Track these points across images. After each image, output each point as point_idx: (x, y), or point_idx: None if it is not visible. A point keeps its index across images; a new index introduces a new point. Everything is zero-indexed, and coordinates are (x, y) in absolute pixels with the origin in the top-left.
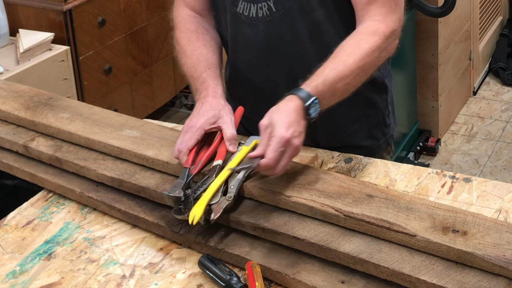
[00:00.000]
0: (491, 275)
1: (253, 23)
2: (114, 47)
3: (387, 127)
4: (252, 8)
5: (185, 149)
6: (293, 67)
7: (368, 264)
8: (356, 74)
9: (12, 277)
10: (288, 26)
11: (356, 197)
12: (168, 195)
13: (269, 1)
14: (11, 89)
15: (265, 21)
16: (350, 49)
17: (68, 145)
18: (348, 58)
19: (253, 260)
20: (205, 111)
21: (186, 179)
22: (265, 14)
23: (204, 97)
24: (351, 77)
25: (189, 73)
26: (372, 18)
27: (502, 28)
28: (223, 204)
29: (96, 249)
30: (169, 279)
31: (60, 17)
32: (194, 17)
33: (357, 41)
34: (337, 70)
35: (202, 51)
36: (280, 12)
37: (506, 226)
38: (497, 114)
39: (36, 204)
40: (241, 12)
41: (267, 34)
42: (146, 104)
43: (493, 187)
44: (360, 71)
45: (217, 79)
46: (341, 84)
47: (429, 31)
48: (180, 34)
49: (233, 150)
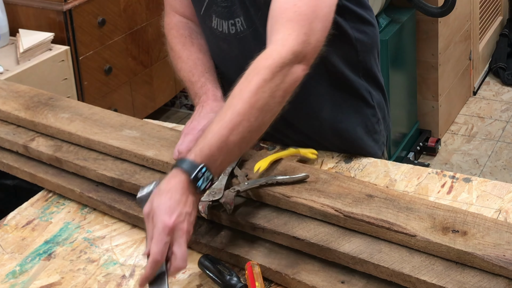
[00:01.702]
0: (491, 275)
1: (227, 39)
2: (114, 47)
3: (377, 134)
4: (224, 25)
5: (186, 150)
6: None
7: (368, 264)
8: (251, 116)
9: (12, 277)
10: (258, 43)
11: (356, 197)
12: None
13: (241, 18)
14: (11, 89)
15: (238, 37)
16: (239, 87)
17: (68, 145)
18: (237, 101)
19: (253, 260)
20: (206, 114)
21: None
22: (238, 30)
23: (205, 101)
24: (245, 121)
25: (187, 77)
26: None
27: (502, 28)
28: (231, 196)
29: (96, 249)
30: (169, 279)
31: (60, 17)
32: (186, 23)
33: (247, 75)
34: (225, 121)
35: (198, 56)
36: (251, 29)
37: (506, 226)
38: (497, 114)
39: (36, 204)
40: (216, 28)
41: (241, 50)
42: (146, 104)
43: (493, 187)
44: (254, 110)
45: (215, 82)
46: (234, 136)
47: (429, 31)
48: (174, 40)
49: None
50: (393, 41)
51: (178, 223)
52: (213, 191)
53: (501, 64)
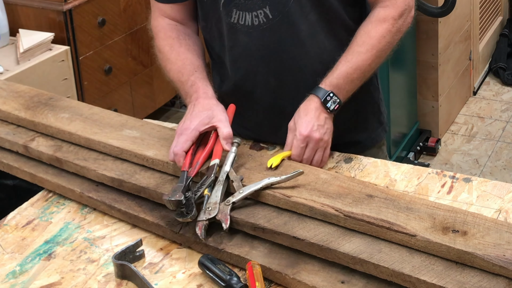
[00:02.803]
0: (491, 275)
1: (250, 32)
2: (114, 47)
3: (382, 116)
4: (247, 17)
5: (181, 151)
6: (294, 72)
7: (368, 264)
8: (371, 62)
9: (12, 277)
10: (287, 31)
11: (356, 197)
12: (169, 200)
13: (265, 8)
14: (11, 89)
15: (262, 29)
16: (361, 40)
17: (68, 145)
18: (360, 48)
19: (253, 260)
20: (198, 113)
21: (185, 182)
22: (261, 21)
23: (196, 99)
24: (366, 65)
25: (176, 78)
26: (381, 5)
27: (502, 28)
28: (226, 210)
29: (96, 249)
30: (169, 279)
31: (60, 17)
32: (175, 25)
33: (368, 31)
34: (351, 62)
35: (187, 56)
36: (277, 18)
37: (506, 226)
38: (497, 114)
39: (36, 204)
40: (236, 22)
41: (265, 41)
42: (146, 104)
43: (493, 187)
44: (374, 58)
45: (205, 80)
46: (356, 74)
47: (429, 31)
48: (161, 42)
49: (229, 149)
50: None
51: (312, 132)
52: (209, 206)
53: (501, 64)
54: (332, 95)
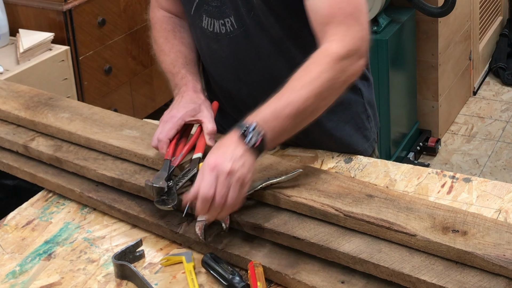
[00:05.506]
0: (491, 275)
1: (219, 39)
2: (114, 47)
3: (368, 131)
4: (216, 24)
5: (165, 138)
6: (261, 82)
7: (368, 264)
8: (307, 98)
9: (12, 277)
10: (249, 43)
11: (356, 197)
12: (152, 186)
13: (231, 17)
14: (11, 89)
15: (229, 37)
16: (299, 75)
17: (68, 145)
18: (295, 83)
19: (255, 260)
20: (185, 104)
21: (168, 170)
22: (228, 30)
23: (185, 91)
24: (300, 101)
25: (168, 69)
26: (328, 39)
27: (502, 28)
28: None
29: (96, 249)
30: (169, 279)
31: (60, 17)
32: (170, 17)
33: (307, 66)
34: (283, 98)
35: (180, 48)
36: (242, 29)
37: (506, 226)
38: (497, 114)
39: (36, 204)
40: (206, 28)
41: (232, 50)
42: (146, 104)
43: (493, 187)
44: (311, 94)
45: (196, 75)
46: (288, 110)
47: (429, 31)
48: (157, 34)
49: (212, 144)
50: (393, 41)
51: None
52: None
53: (501, 64)
54: (254, 127)
